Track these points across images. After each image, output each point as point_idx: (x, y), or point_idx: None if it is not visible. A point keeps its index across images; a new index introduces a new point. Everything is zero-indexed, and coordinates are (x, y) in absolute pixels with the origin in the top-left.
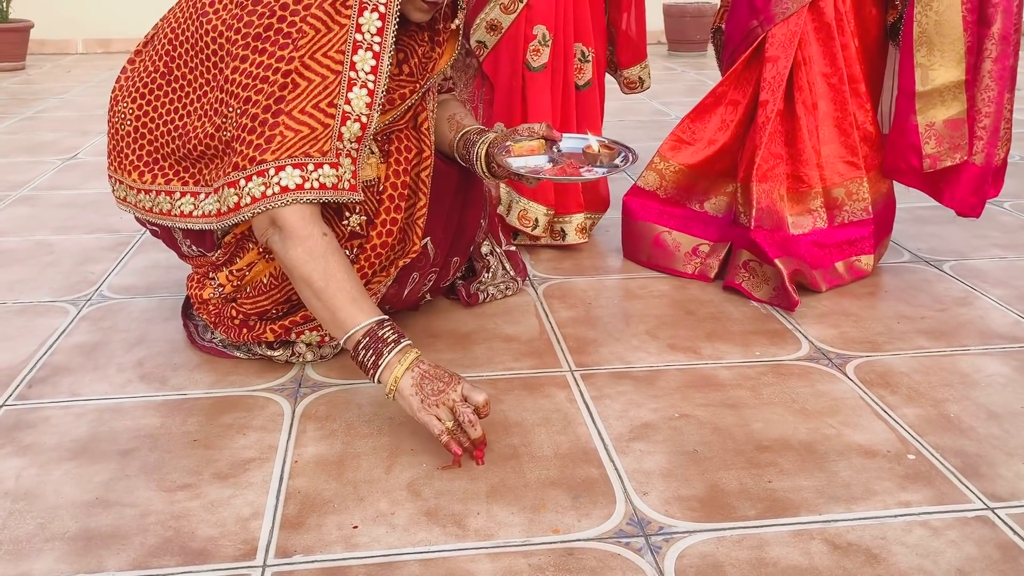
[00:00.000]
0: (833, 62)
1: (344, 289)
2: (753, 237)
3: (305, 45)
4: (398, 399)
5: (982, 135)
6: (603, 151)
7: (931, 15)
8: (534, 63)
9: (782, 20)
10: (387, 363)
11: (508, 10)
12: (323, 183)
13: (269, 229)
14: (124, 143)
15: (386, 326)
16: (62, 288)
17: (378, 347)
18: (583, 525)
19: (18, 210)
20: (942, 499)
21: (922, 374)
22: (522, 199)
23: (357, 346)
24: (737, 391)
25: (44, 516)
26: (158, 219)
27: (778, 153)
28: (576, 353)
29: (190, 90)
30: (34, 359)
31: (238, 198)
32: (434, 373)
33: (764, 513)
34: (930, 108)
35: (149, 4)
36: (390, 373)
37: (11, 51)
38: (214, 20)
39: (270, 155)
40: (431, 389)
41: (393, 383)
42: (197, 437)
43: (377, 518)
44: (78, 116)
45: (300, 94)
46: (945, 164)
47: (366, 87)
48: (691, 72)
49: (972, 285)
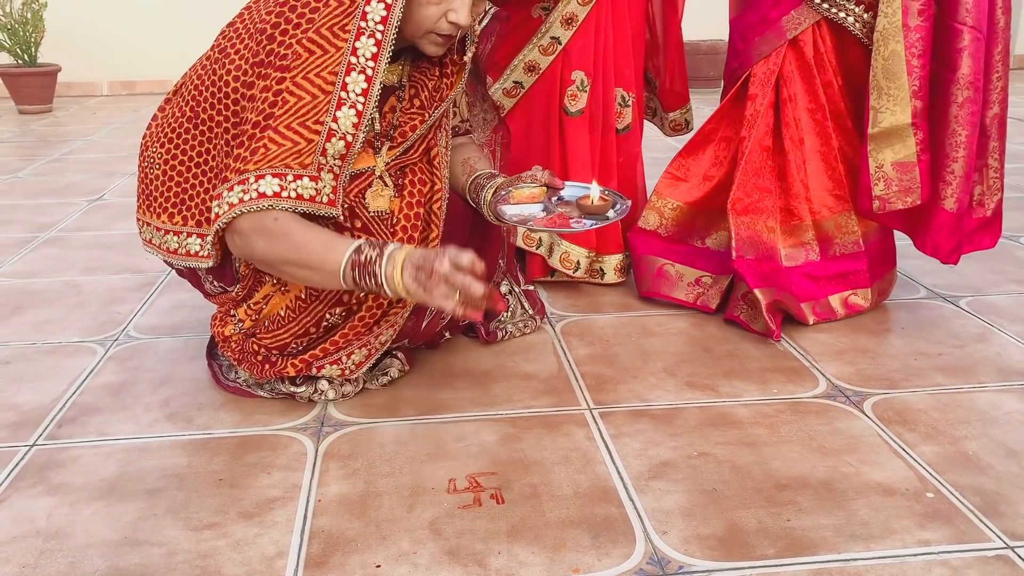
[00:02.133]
0: (816, 99)
1: (315, 249)
2: (735, 266)
3: (298, 67)
4: (413, 298)
5: (950, 180)
6: (598, 202)
7: (879, 60)
8: (572, 108)
9: (760, 60)
10: (386, 277)
11: (547, 51)
12: (300, 194)
13: (233, 238)
14: (153, 186)
15: (363, 249)
16: (90, 328)
17: (369, 270)
18: (603, 564)
19: (47, 251)
20: (961, 538)
21: (940, 411)
22: (563, 242)
23: (356, 280)
24: (755, 429)
25: (75, 555)
26: (184, 261)
27: (767, 187)
28: (594, 391)
29: (219, 130)
30: (63, 399)
31: (218, 208)
32: (420, 260)
33: (783, 552)
34: (879, 151)
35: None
36: (393, 282)
37: (39, 94)
38: (235, 59)
39: (252, 165)
40: (424, 276)
41: (404, 291)
42: (223, 476)
43: (400, 557)
44: (104, 158)
45: (288, 110)
46: (896, 207)
47: (355, 107)
48: (705, 108)
49: (989, 321)
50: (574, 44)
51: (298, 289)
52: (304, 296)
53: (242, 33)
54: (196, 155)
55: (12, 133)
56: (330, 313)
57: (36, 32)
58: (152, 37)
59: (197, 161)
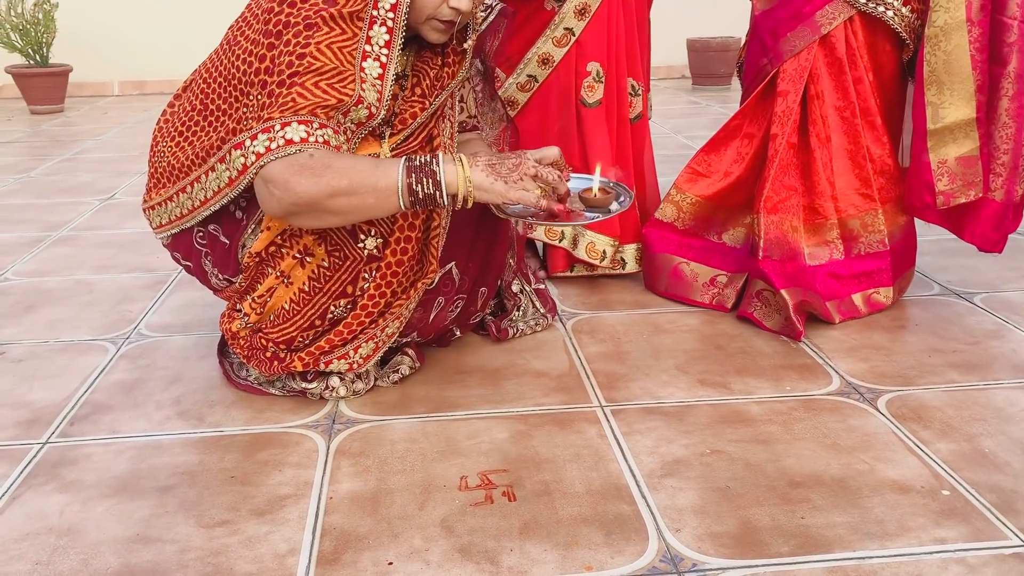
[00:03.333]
0: (845, 96)
1: (362, 168)
2: (761, 267)
3: (321, 36)
4: (478, 195)
5: (1001, 171)
6: (600, 195)
7: (939, 55)
8: (589, 99)
9: (791, 56)
10: (445, 176)
11: (560, 43)
12: (327, 140)
13: (268, 187)
14: (164, 177)
15: (415, 158)
16: (102, 327)
17: (425, 169)
18: (616, 562)
19: (58, 250)
20: (978, 535)
21: (955, 408)
22: (588, 232)
23: (411, 190)
24: (768, 426)
25: (87, 552)
26: (188, 220)
27: (792, 185)
28: (606, 388)
29: (225, 118)
30: (75, 397)
31: (244, 159)
32: (500, 156)
33: (797, 550)
34: (942, 146)
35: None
36: (456, 179)
37: (51, 95)
38: (244, 44)
39: (277, 112)
40: (507, 168)
41: (466, 184)
42: (234, 474)
43: (412, 555)
44: (115, 157)
45: (315, 71)
46: (959, 201)
47: (375, 87)
48: (715, 106)
49: (1004, 318)
50: (588, 35)
51: (301, 281)
52: (308, 288)
53: (250, 20)
54: (199, 144)
55: (24, 133)
56: (335, 305)
57: (47, 32)
58: (163, 37)
59: (207, 148)
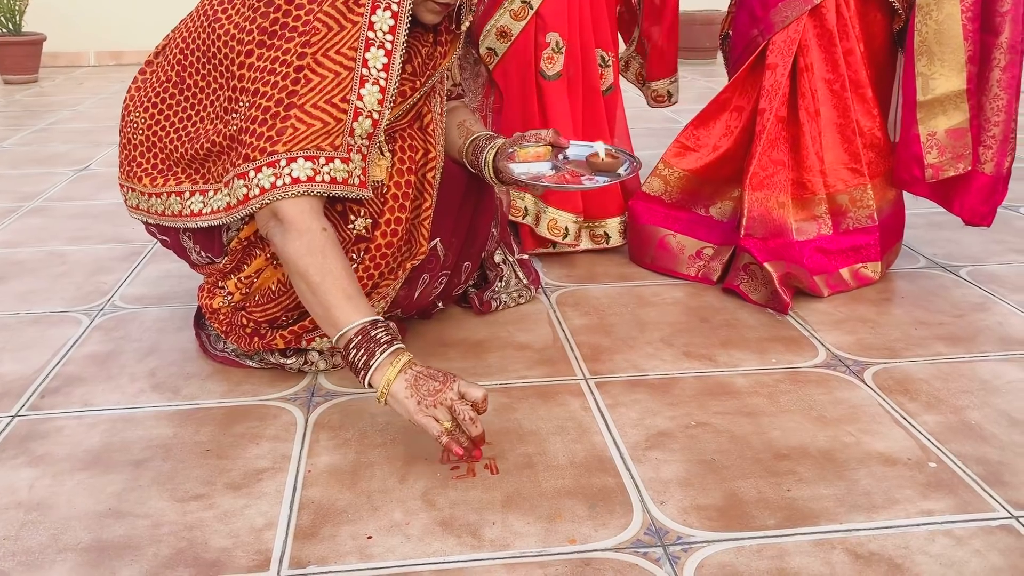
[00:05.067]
0: (835, 68)
1: (340, 287)
2: (742, 244)
3: (318, 42)
4: (391, 403)
5: (991, 144)
6: (608, 159)
7: (931, 24)
8: (548, 71)
9: (782, 28)
10: (378, 364)
11: (518, 16)
12: (334, 177)
13: (271, 221)
14: (137, 152)
15: (379, 327)
16: (74, 298)
17: (370, 347)
18: (600, 535)
19: (31, 221)
20: (965, 507)
21: (941, 381)
22: (549, 208)
23: (349, 345)
24: (754, 399)
25: (57, 527)
26: (170, 221)
27: (780, 160)
28: (590, 361)
29: (202, 96)
30: (47, 369)
31: (247, 189)
32: (428, 373)
33: (784, 522)
34: (932, 118)
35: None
36: (381, 376)
37: (24, 64)
38: (226, 24)
39: (281, 147)
40: (427, 389)
41: (385, 386)
42: (210, 447)
43: (391, 528)
44: (90, 128)
45: (312, 89)
46: (948, 174)
47: (378, 84)
48: (700, 80)
49: (990, 291)
50: (547, 6)
51: None
52: None
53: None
54: (178, 120)
55: None
56: None
57: (20, 1)
58: (139, 7)
59: (182, 126)
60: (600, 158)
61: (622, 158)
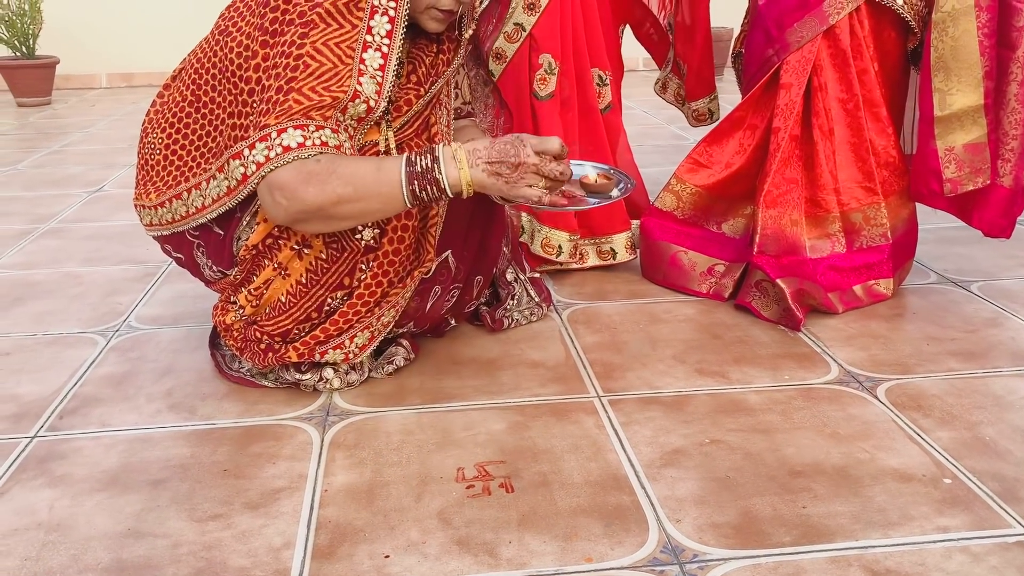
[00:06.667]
0: (849, 88)
1: (366, 174)
2: (755, 261)
3: (317, 34)
4: (480, 191)
5: (1010, 157)
6: (601, 181)
7: (947, 40)
8: (541, 92)
9: (796, 48)
10: (447, 178)
11: (512, 39)
12: (324, 141)
13: (274, 195)
14: (154, 171)
15: (414, 158)
16: (91, 319)
17: (429, 177)
18: (616, 553)
19: (46, 242)
20: (981, 524)
21: (955, 396)
22: (543, 227)
23: (415, 195)
24: (767, 416)
25: (77, 547)
26: (181, 225)
27: (794, 178)
28: (603, 379)
29: (219, 111)
30: (64, 390)
31: (244, 168)
32: (498, 152)
33: (799, 540)
34: (949, 133)
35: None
36: (458, 182)
37: (38, 87)
38: (237, 36)
39: (272, 119)
40: (507, 168)
41: (468, 187)
42: (227, 467)
43: (408, 547)
44: (103, 149)
45: (311, 74)
46: (967, 188)
47: (375, 79)
48: None
49: (1002, 306)
50: (540, 29)
51: (299, 273)
52: (305, 280)
53: (243, 11)
54: (197, 138)
55: (11, 125)
56: (331, 297)
57: (34, 24)
58: (150, 29)
59: (198, 144)
60: (592, 180)
61: (616, 179)
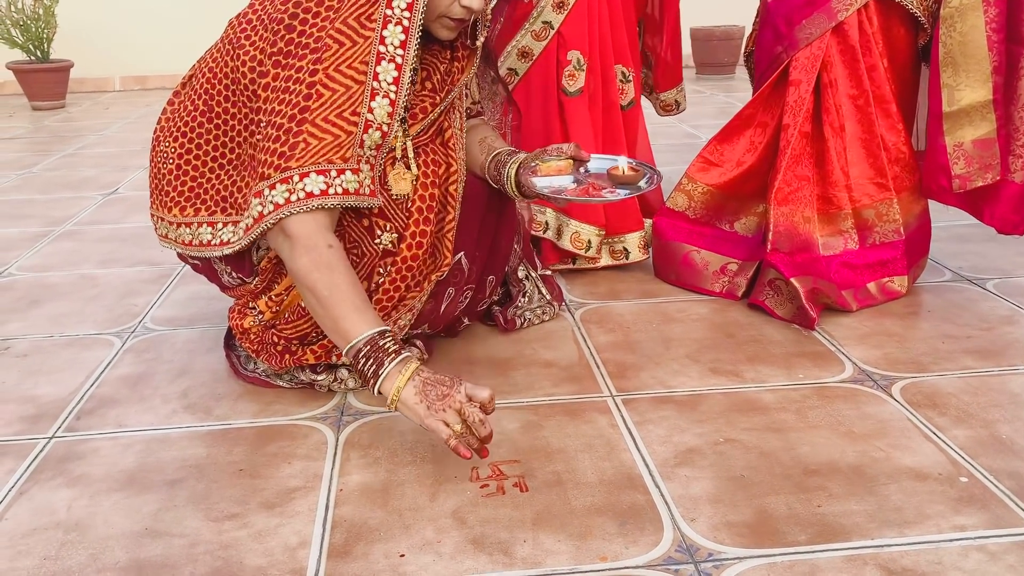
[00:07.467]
0: (859, 84)
1: (348, 299)
2: (770, 259)
3: (329, 58)
4: (401, 409)
5: (1021, 152)
6: (629, 172)
7: (955, 36)
8: (570, 88)
9: (805, 45)
10: (387, 373)
11: (539, 37)
12: (345, 188)
13: (279, 237)
14: (166, 181)
15: (387, 337)
16: (106, 321)
17: (379, 356)
18: (631, 552)
19: (62, 245)
20: (998, 522)
21: (970, 395)
22: (572, 221)
23: (358, 355)
24: (782, 414)
25: (95, 547)
26: (199, 251)
27: (805, 175)
28: (616, 378)
29: (234, 123)
30: (81, 391)
31: (262, 207)
32: (436, 379)
33: (815, 538)
34: (958, 129)
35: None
36: (391, 384)
37: (52, 90)
38: (250, 50)
39: (295, 162)
40: (436, 394)
41: (395, 394)
42: (243, 467)
43: (424, 546)
44: (117, 152)
45: (324, 103)
46: (976, 184)
47: (388, 97)
48: (720, 95)
49: (1018, 304)
50: (567, 26)
51: None
52: None
53: (255, 24)
54: (212, 149)
55: (25, 129)
56: None
57: (48, 28)
58: (163, 32)
59: (214, 155)
60: (621, 171)
61: (643, 171)
